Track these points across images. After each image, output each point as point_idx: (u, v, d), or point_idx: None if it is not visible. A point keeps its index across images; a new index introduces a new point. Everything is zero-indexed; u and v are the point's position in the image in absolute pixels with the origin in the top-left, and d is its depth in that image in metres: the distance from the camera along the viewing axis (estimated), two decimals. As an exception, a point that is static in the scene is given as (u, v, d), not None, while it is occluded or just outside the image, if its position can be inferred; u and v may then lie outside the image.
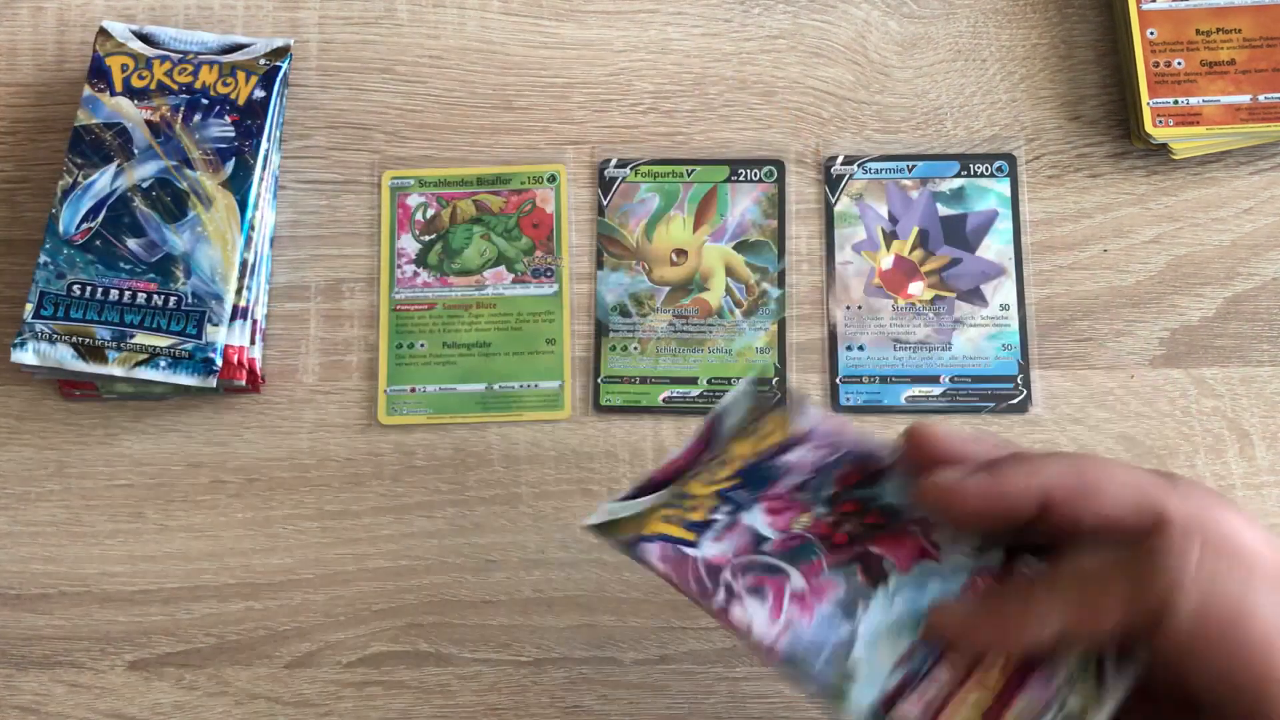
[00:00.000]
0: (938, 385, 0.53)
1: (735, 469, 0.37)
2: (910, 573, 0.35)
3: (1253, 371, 0.53)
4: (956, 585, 0.35)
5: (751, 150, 0.56)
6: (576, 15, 0.58)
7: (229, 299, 0.51)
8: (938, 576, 0.35)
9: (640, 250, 0.55)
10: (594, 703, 0.50)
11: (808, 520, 0.37)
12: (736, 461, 0.37)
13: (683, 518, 0.37)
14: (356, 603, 0.51)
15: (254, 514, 0.52)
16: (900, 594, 0.35)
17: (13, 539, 0.52)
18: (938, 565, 0.35)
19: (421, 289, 0.55)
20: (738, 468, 0.37)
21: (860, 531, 0.36)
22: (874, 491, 0.36)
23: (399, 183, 0.56)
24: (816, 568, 0.36)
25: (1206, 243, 0.55)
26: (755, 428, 0.37)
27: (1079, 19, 0.58)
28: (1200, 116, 0.54)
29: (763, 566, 0.36)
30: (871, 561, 0.36)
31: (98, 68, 0.53)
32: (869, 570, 0.36)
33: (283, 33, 0.58)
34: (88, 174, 0.52)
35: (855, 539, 0.36)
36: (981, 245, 0.54)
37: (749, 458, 0.37)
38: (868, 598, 0.35)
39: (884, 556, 0.36)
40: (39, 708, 0.50)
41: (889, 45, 0.57)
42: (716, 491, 0.37)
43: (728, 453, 0.38)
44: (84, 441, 0.53)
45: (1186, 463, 0.52)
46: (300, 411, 0.53)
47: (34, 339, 0.50)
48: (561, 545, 0.51)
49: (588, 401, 0.53)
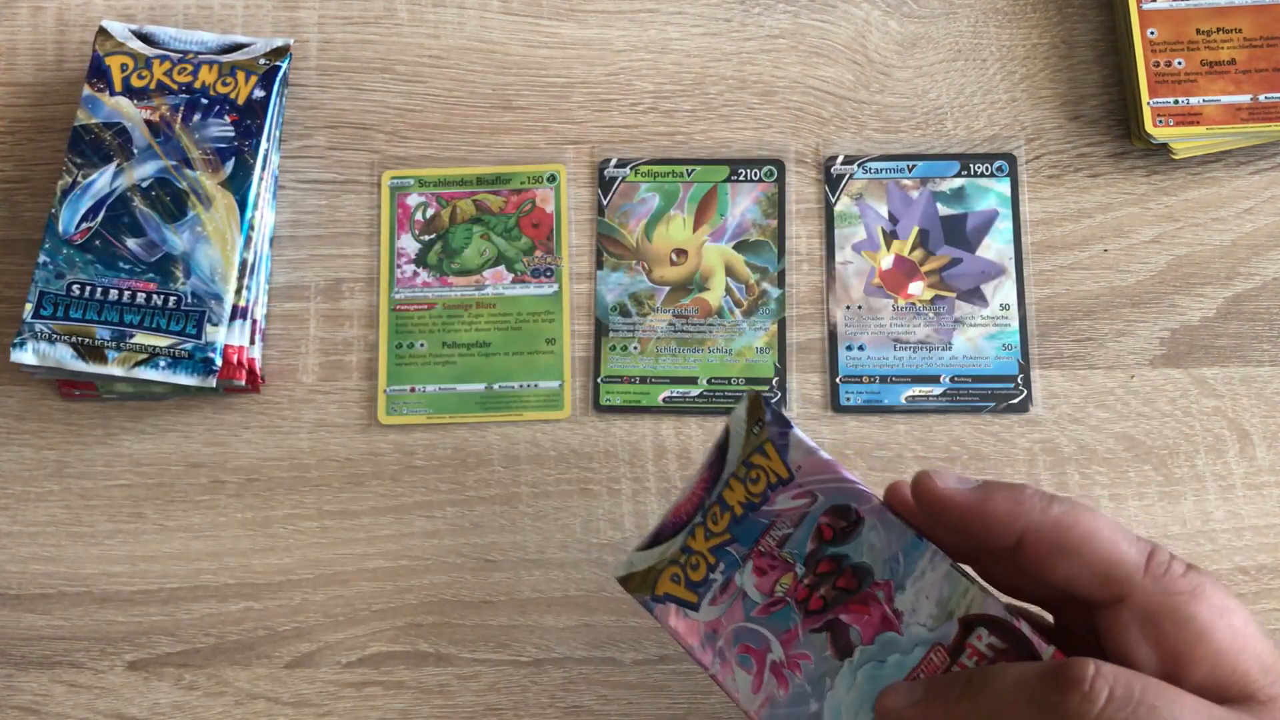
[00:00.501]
0: (938, 385, 0.53)
1: (728, 521, 0.39)
2: (873, 644, 0.36)
3: (1253, 371, 0.53)
4: (914, 659, 0.35)
5: (751, 150, 0.56)
6: (576, 15, 0.58)
7: (229, 299, 0.51)
8: (897, 650, 0.36)
9: (640, 250, 0.55)
10: (594, 703, 0.50)
11: (789, 582, 0.38)
12: (730, 512, 0.39)
13: (687, 577, 0.40)
14: (356, 603, 0.51)
15: (254, 514, 0.52)
16: (863, 668, 0.36)
17: (12, 539, 0.52)
18: (898, 638, 0.36)
19: (421, 289, 0.55)
20: (730, 519, 0.39)
21: (832, 596, 0.37)
22: (846, 549, 0.37)
23: (399, 182, 0.56)
24: (794, 635, 0.38)
25: (1207, 243, 0.55)
26: (748, 465, 0.39)
27: (1079, 19, 0.58)
28: (1200, 116, 0.54)
29: (749, 634, 0.39)
30: (840, 631, 0.37)
31: (97, 67, 0.53)
32: (837, 641, 0.37)
33: (282, 32, 0.58)
34: (87, 174, 0.52)
35: (828, 604, 0.37)
36: (981, 245, 0.54)
37: (740, 504, 0.39)
38: (835, 673, 0.37)
39: (851, 626, 0.37)
40: (39, 708, 0.50)
41: (889, 45, 0.57)
42: (713, 548, 0.40)
43: (724, 497, 0.39)
44: (83, 441, 0.53)
45: (1186, 463, 0.52)
46: (300, 411, 0.53)
47: (33, 339, 0.50)
48: (561, 545, 0.51)
49: (587, 401, 0.53)
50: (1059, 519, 0.33)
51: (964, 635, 0.35)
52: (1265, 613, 0.50)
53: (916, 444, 0.52)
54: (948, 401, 0.53)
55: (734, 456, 0.39)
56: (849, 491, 0.37)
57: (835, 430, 0.53)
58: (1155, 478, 0.52)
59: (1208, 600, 0.32)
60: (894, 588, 0.36)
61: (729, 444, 0.40)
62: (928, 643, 0.35)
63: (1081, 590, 0.33)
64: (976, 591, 0.35)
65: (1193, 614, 0.31)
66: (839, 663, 0.37)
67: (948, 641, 0.35)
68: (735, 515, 0.39)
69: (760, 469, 0.39)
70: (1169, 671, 0.31)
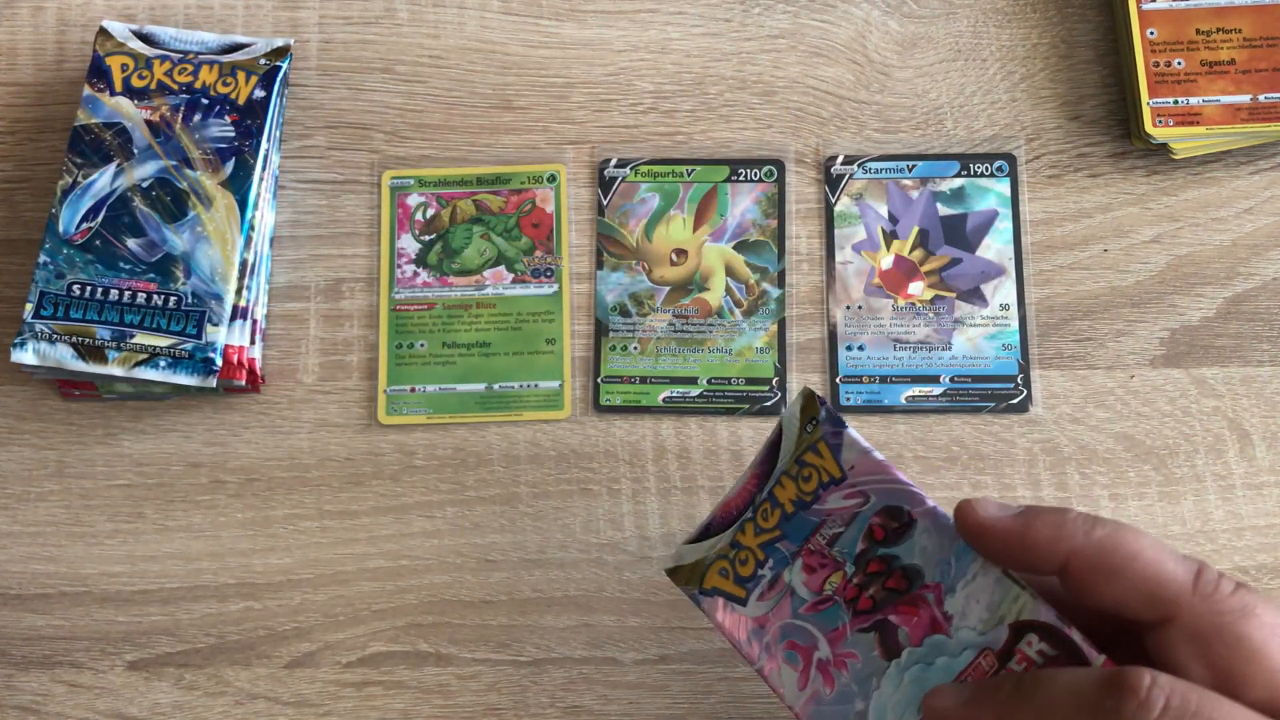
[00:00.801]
0: (938, 385, 0.53)
1: (779, 518, 0.40)
2: (921, 646, 0.36)
3: (1253, 371, 0.53)
4: (962, 663, 0.35)
5: (751, 150, 0.56)
6: (576, 15, 0.58)
7: (229, 299, 0.51)
8: (946, 653, 0.36)
9: (640, 250, 0.55)
10: (594, 703, 0.50)
11: (838, 581, 0.38)
12: (780, 509, 0.40)
13: (735, 572, 0.40)
14: (356, 603, 0.51)
15: (254, 514, 0.52)
16: (910, 670, 0.36)
17: (13, 539, 0.52)
18: (947, 641, 0.36)
19: (421, 289, 0.55)
20: (781, 516, 0.39)
21: (882, 597, 0.37)
22: (898, 550, 0.37)
23: (399, 182, 0.56)
24: (841, 634, 0.38)
25: (1206, 243, 0.55)
26: (800, 463, 0.39)
27: (1079, 19, 0.58)
28: (1200, 116, 0.54)
29: (797, 630, 0.39)
30: (888, 632, 0.37)
31: (97, 67, 0.53)
32: (885, 642, 0.37)
33: (283, 33, 0.58)
34: (87, 174, 0.52)
35: (877, 605, 0.37)
36: (981, 245, 0.54)
37: (791, 502, 0.39)
38: (881, 673, 0.37)
39: (900, 627, 0.37)
40: (39, 708, 0.50)
41: (889, 45, 0.57)
42: (763, 544, 0.40)
43: (775, 494, 0.40)
44: (83, 441, 0.53)
45: (1186, 463, 0.52)
46: (300, 411, 0.53)
47: (34, 339, 0.50)
48: (561, 545, 0.51)
49: (587, 401, 0.53)
50: (1102, 541, 0.33)
51: (1014, 640, 0.34)
52: (1265, 613, 0.50)
53: (916, 444, 0.52)
54: (948, 402, 0.53)
55: (786, 453, 0.40)
56: (902, 493, 0.37)
57: (835, 430, 0.53)
58: (1155, 478, 0.52)
59: (1259, 619, 0.31)
60: (944, 590, 0.36)
61: (782, 440, 0.40)
62: (976, 647, 0.35)
63: (1129, 612, 0.32)
64: (1028, 598, 0.34)
65: (1244, 633, 0.31)
66: (886, 663, 0.37)
67: (997, 646, 0.35)
68: (786, 512, 0.39)
69: (813, 467, 0.39)
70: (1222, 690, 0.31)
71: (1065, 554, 0.33)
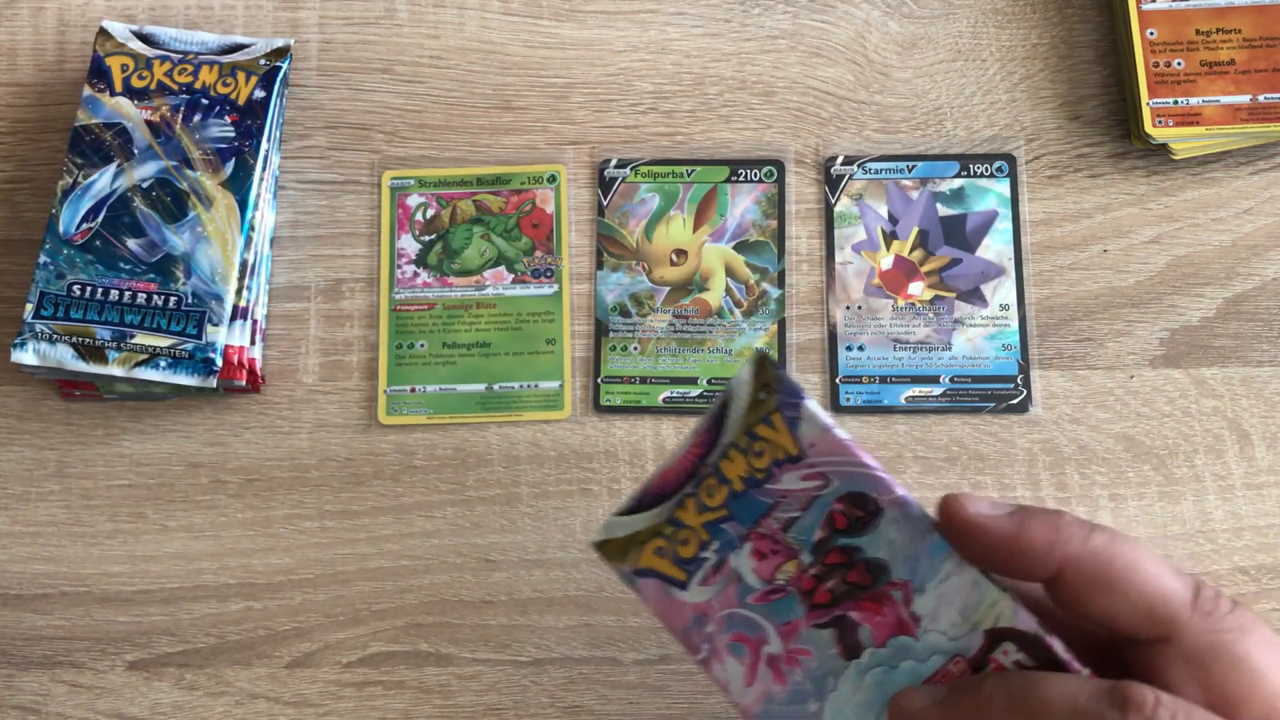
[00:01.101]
0: (938, 385, 0.53)
1: (725, 495, 0.36)
2: (885, 647, 0.33)
3: (1253, 371, 0.53)
4: (930, 668, 0.33)
5: (751, 150, 0.56)
6: (576, 15, 0.58)
7: (229, 299, 0.51)
8: (912, 657, 0.33)
9: (640, 250, 0.55)
10: (594, 703, 0.50)
11: (792, 570, 0.35)
12: (728, 486, 0.36)
13: (675, 552, 0.36)
14: (356, 603, 0.51)
15: (254, 514, 0.52)
16: (872, 672, 0.34)
17: (13, 539, 0.52)
18: (913, 644, 0.33)
19: (421, 289, 0.55)
20: (728, 494, 0.36)
21: (842, 591, 0.34)
22: (861, 541, 0.34)
23: (399, 183, 0.56)
24: (795, 628, 0.35)
25: (1206, 243, 0.55)
26: (751, 436, 0.36)
27: (1079, 19, 0.58)
28: (1200, 117, 0.54)
29: (744, 621, 0.35)
30: (848, 630, 0.34)
31: (98, 68, 0.53)
32: (845, 640, 0.34)
33: (283, 33, 0.58)
34: (88, 174, 0.52)
35: (837, 599, 0.34)
36: (981, 245, 0.54)
37: (740, 479, 0.36)
38: (839, 674, 0.34)
39: (861, 625, 0.34)
40: (39, 708, 0.50)
41: (889, 45, 0.57)
42: (706, 523, 0.36)
43: (721, 469, 0.36)
44: (84, 442, 0.53)
45: (1186, 463, 0.52)
46: (300, 411, 0.53)
47: (34, 339, 0.50)
48: (561, 545, 0.51)
49: (588, 401, 0.53)
50: (1100, 549, 0.31)
51: (989, 649, 0.32)
52: (1265, 613, 0.50)
53: (916, 444, 0.52)
54: (947, 402, 0.53)
55: (734, 422, 0.36)
56: (868, 478, 0.34)
57: (835, 430, 0.53)
58: (1155, 478, 0.52)
59: (1257, 637, 0.30)
60: (913, 589, 0.33)
61: (728, 409, 0.36)
62: (947, 653, 0.33)
63: (1124, 626, 0.31)
64: (1007, 603, 0.32)
65: (1244, 653, 0.30)
66: (845, 663, 0.34)
67: (970, 654, 0.33)
68: (734, 490, 0.35)
69: (766, 442, 0.35)
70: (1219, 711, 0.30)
71: (1060, 560, 0.31)
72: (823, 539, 0.34)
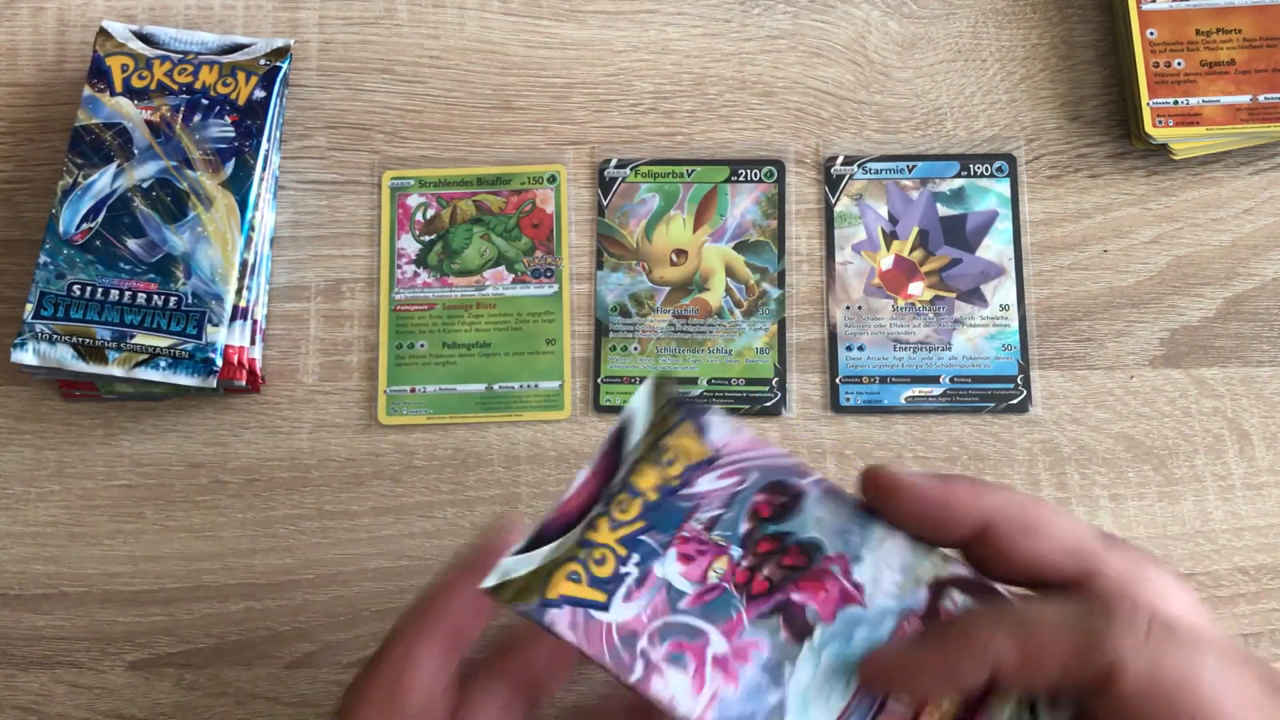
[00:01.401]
0: (938, 385, 0.53)
1: (640, 508, 0.35)
2: (835, 622, 0.33)
3: (1253, 372, 0.53)
4: (885, 631, 0.33)
5: (751, 150, 0.56)
6: (576, 15, 0.58)
7: (229, 299, 0.51)
8: (864, 624, 0.33)
9: (640, 250, 0.55)
10: (594, 703, 0.50)
11: (724, 567, 0.34)
12: (641, 498, 0.35)
13: (590, 574, 0.34)
14: (357, 603, 0.51)
15: (254, 514, 0.52)
16: (827, 648, 0.33)
17: (13, 539, 0.52)
18: (863, 611, 0.33)
19: (421, 289, 0.55)
20: (643, 506, 0.35)
21: (780, 576, 0.34)
22: (789, 526, 0.34)
23: (399, 183, 0.56)
24: (737, 624, 0.34)
25: (1206, 243, 0.55)
26: (659, 448, 0.35)
27: (1079, 19, 0.58)
28: (1200, 117, 0.54)
29: (681, 628, 0.34)
30: (794, 612, 0.34)
31: (98, 68, 0.53)
32: (792, 623, 0.34)
33: (283, 33, 0.58)
34: (88, 174, 0.52)
35: (775, 586, 0.34)
36: (981, 245, 0.54)
37: (655, 490, 0.35)
38: (794, 657, 0.33)
39: (806, 605, 0.34)
40: (39, 708, 0.50)
41: (889, 45, 0.57)
42: (623, 538, 0.34)
43: (632, 483, 0.35)
44: (84, 442, 0.53)
45: (1186, 463, 0.52)
46: (300, 411, 0.53)
47: (34, 339, 0.50)
48: (561, 545, 0.51)
49: (588, 402, 0.53)
50: (1021, 500, 0.33)
51: (935, 599, 0.33)
52: (1265, 613, 0.50)
53: (916, 444, 0.52)
54: (947, 402, 0.53)
55: (636, 443, 0.35)
56: (783, 467, 0.35)
57: (835, 430, 0.53)
58: (1155, 478, 0.52)
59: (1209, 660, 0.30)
60: (850, 559, 0.34)
61: (625, 435, 0.35)
62: (897, 613, 0.33)
63: (1049, 569, 0.32)
64: (938, 557, 0.34)
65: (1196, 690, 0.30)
66: (797, 646, 0.33)
67: (920, 609, 0.33)
68: (649, 501, 0.35)
69: (676, 450, 0.35)
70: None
71: (988, 511, 0.33)
72: (749, 530, 0.35)
